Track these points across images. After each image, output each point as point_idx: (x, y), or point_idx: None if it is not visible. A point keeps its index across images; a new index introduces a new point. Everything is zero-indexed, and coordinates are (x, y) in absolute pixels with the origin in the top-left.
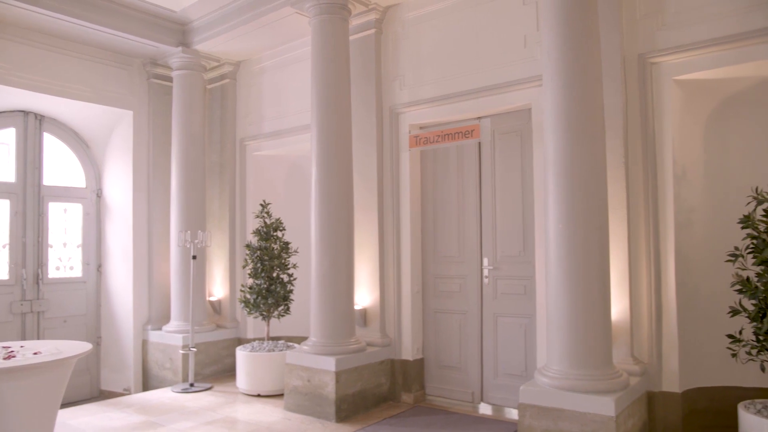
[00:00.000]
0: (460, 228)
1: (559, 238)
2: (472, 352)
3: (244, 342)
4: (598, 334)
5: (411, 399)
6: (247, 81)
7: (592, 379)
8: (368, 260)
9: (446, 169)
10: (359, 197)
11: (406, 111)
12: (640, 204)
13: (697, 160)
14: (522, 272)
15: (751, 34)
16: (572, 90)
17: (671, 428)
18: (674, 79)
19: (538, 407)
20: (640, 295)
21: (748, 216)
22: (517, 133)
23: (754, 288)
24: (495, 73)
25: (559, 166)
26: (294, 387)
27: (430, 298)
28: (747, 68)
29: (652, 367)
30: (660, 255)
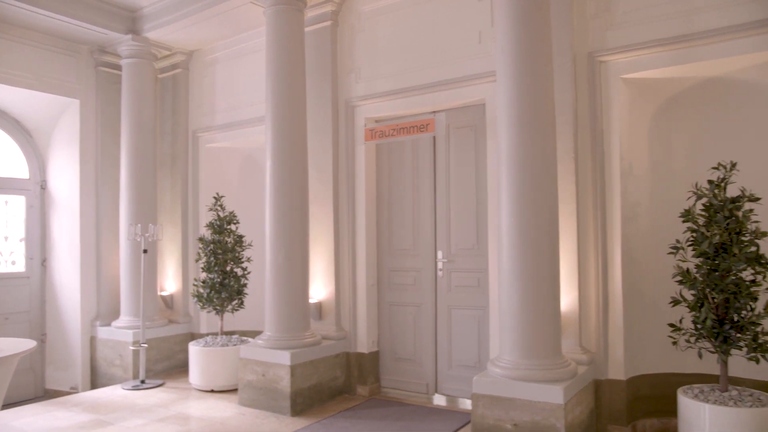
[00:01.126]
0: (415, 221)
1: (511, 231)
2: (427, 344)
3: (197, 337)
4: (548, 325)
5: (366, 391)
6: (201, 71)
7: (542, 368)
8: (323, 253)
9: (401, 162)
10: (314, 190)
11: (361, 104)
12: (588, 198)
13: (643, 156)
14: (475, 265)
15: (693, 36)
16: (525, 86)
17: (616, 414)
18: (622, 77)
19: (490, 397)
20: (588, 287)
21: (689, 210)
22: (471, 128)
23: (693, 279)
24: (450, 67)
25: (512, 160)
26: (248, 382)
27: (386, 290)
28: (689, 69)
29: (599, 356)
30: (607, 248)
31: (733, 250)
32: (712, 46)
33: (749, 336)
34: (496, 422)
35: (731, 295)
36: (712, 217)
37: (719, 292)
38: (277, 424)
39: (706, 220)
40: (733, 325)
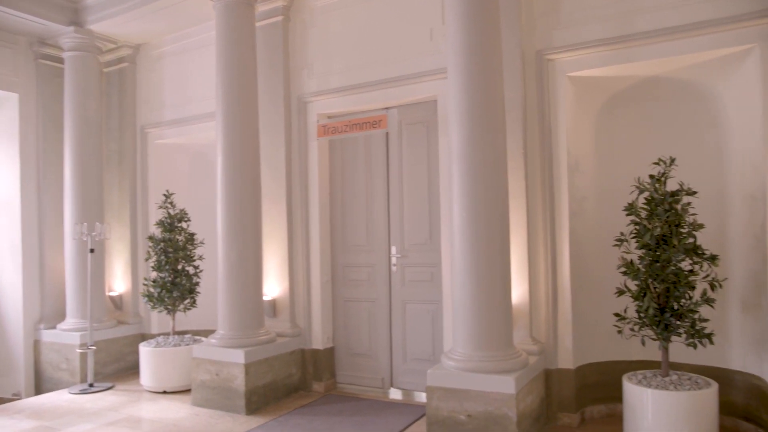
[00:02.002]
0: (368, 217)
1: (463, 226)
2: (382, 339)
3: (148, 337)
4: (500, 318)
5: (322, 388)
6: (148, 65)
7: (494, 360)
8: (277, 250)
9: (354, 158)
10: (267, 187)
11: (314, 100)
12: (538, 193)
13: (589, 152)
14: (429, 260)
15: (634, 36)
16: (475, 83)
17: (566, 402)
18: (568, 75)
19: (444, 389)
20: (538, 280)
21: (632, 204)
22: (423, 124)
23: (636, 270)
24: (402, 64)
25: (463, 156)
26: (202, 381)
27: (340, 287)
28: (630, 68)
29: (549, 346)
30: (556, 241)
31: (672, 241)
32: (650, 47)
33: (688, 323)
34: (450, 414)
35: (671, 284)
36: (654, 210)
37: (660, 282)
38: (231, 423)
39: (648, 213)
40: (673, 313)
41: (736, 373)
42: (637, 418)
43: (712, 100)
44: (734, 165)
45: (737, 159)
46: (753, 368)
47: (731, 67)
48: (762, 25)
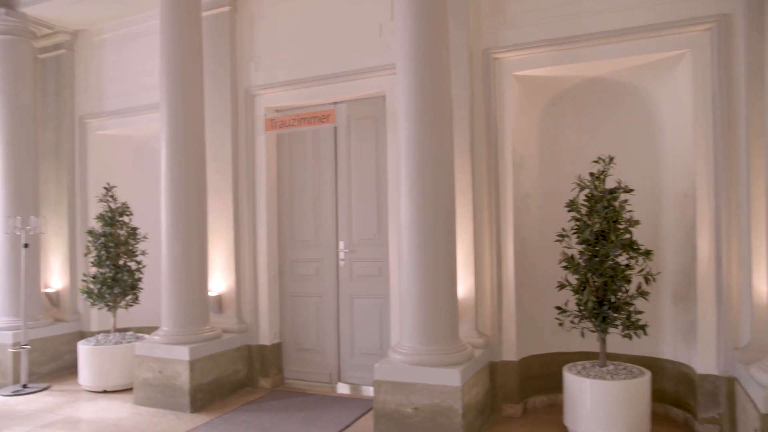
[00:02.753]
0: (316, 212)
1: (410, 221)
2: (330, 334)
3: (87, 335)
4: (446, 312)
5: (269, 384)
6: (88, 53)
7: (440, 353)
8: (223, 245)
9: (303, 153)
10: (213, 181)
11: (261, 93)
12: (484, 189)
13: (533, 149)
14: (377, 254)
15: (577, 38)
16: (423, 80)
17: (510, 393)
18: (514, 74)
19: (391, 383)
20: (483, 274)
21: (573, 201)
22: (372, 120)
23: (576, 264)
24: (351, 59)
25: (411, 152)
26: (144, 380)
27: (287, 282)
28: (574, 68)
29: (494, 339)
30: (501, 236)
31: (610, 237)
32: (592, 49)
33: (624, 315)
34: (397, 407)
35: (609, 278)
36: (593, 207)
37: (599, 276)
38: (175, 421)
39: (588, 209)
40: (611, 306)
41: (667, 362)
42: (576, 406)
43: (649, 101)
44: (668, 164)
45: (671, 158)
46: (682, 357)
47: (666, 70)
48: (694, 32)
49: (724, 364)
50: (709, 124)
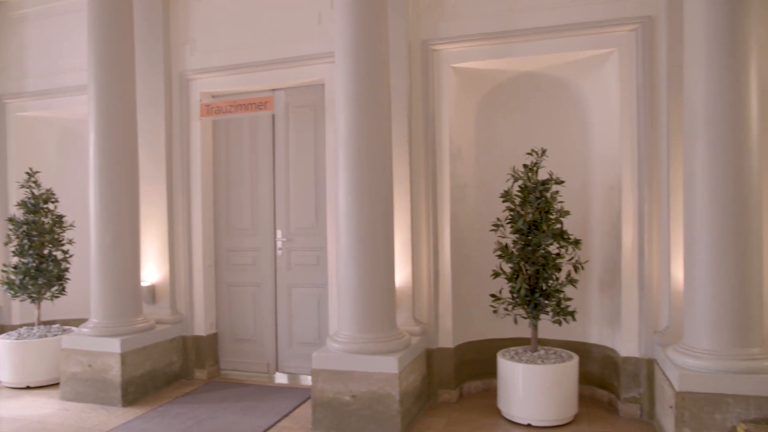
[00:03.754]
0: (253, 201)
1: (348, 210)
2: (267, 324)
3: (8, 329)
4: (384, 300)
5: (205, 375)
6: (7, 28)
7: (378, 341)
8: (156, 234)
9: (240, 140)
10: (146, 167)
11: (197, 78)
12: (421, 180)
13: (470, 141)
14: (315, 243)
15: (513, 33)
16: (362, 70)
17: (446, 379)
18: (452, 66)
19: (329, 371)
20: (421, 263)
21: (507, 191)
22: (311, 108)
23: (510, 253)
24: (290, 46)
25: (350, 141)
26: (72, 374)
27: (224, 271)
28: (509, 62)
29: (430, 326)
30: (438, 226)
31: (542, 227)
32: (527, 44)
33: (554, 302)
34: (335, 395)
35: (541, 266)
36: (526, 197)
37: (531, 265)
38: (106, 416)
39: (522, 200)
40: (542, 293)
41: (594, 346)
42: (509, 390)
43: (580, 96)
44: (596, 157)
45: (599, 152)
46: (607, 341)
47: (595, 67)
48: (620, 32)
49: (644, 347)
50: (633, 120)
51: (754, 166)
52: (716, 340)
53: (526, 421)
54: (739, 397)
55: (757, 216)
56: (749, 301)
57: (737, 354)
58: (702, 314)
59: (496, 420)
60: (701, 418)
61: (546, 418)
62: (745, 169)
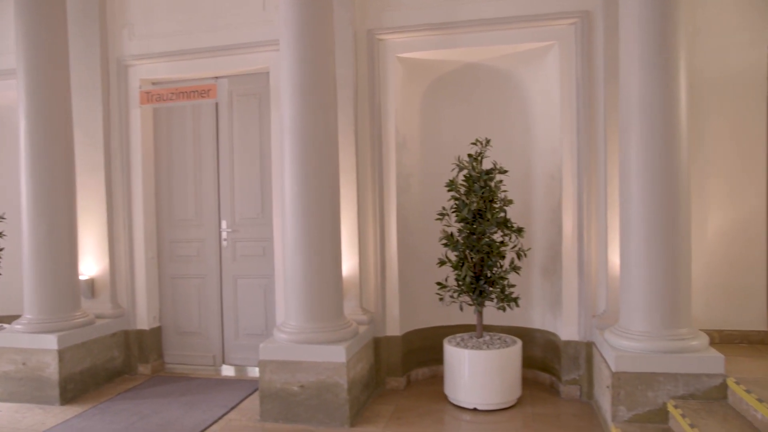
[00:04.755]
0: (197, 190)
1: (294, 200)
2: (213, 316)
3: None
4: (331, 290)
5: (149, 370)
6: None
7: (325, 331)
8: (95, 226)
9: (182, 128)
10: (83, 156)
11: (136, 64)
12: (368, 169)
13: (415, 130)
14: (261, 234)
15: (457, 24)
16: (308, 58)
17: (393, 367)
18: (397, 56)
19: (277, 362)
20: (368, 252)
21: (452, 181)
22: (255, 96)
23: (456, 242)
24: (233, 32)
25: (295, 131)
26: (4, 373)
27: (167, 263)
28: (454, 53)
29: (378, 315)
30: (384, 215)
31: (487, 215)
32: (471, 35)
33: (498, 289)
34: (283, 385)
35: (485, 254)
36: (471, 187)
37: (476, 253)
38: (43, 415)
39: (466, 189)
40: (487, 281)
41: (537, 331)
42: (455, 376)
43: (523, 88)
44: (538, 147)
45: (541, 142)
46: (549, 326)
47: (537, 59)
48: (561, 26)
49: (584, 331)
50: (573, 112)
51: (683, 156)
52: (649, 322)
53: (472, 405)
54: (669, 375)
55: (686, 204)
56: (679, 285)
57: (668, 335)
58: (636, 298)
59: (442, 405)
60: (635, 396)
61: (491, 401)
62: (675, 159)
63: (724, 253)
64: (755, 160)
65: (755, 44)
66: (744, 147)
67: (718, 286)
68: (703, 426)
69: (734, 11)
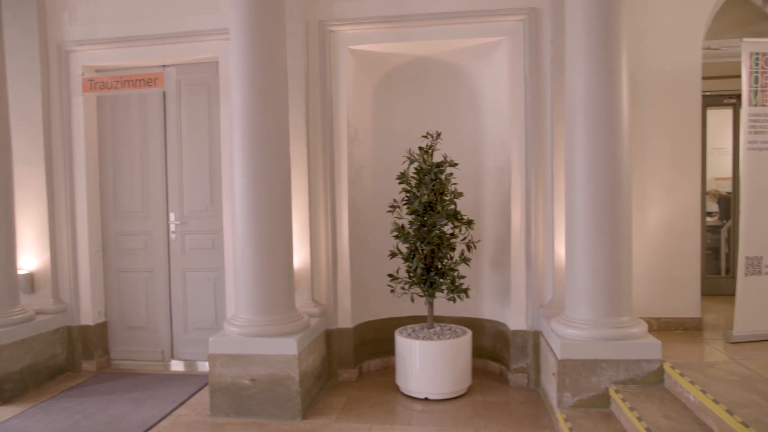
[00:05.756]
0: (144, 182)
1: (245, 191)
2: (161, 310)
3: None
4: (282, 282)
5: (94, 366)
6: None
7: (276, 323)
8: (34, 218)
9: (128, 118)
10: (20, 146)
11: (78, 50)
12: (319, 161)
13: (367, 122)
14: (210, 226)
15: (408, 17)
16: (258, 48)
17: (345, 359)
18: (349, 48)
19: (227, 356)
20: (319, 244)
21: (404, 173)
22: (204, 86)
23: (407, 234)
24: (182, 20)
25: (245, 121)
26: None
27: (113, 256)
28: (405, 46)
29: (329, 307)
30: (336, 207)
31: (437, 208)
32: (422, 29)
33: (449, 280)
34: (234, 379)
35: (436, 246)
36: (422, 179)
37: (427, 245)
38: None
39: (417, 182)
40: (437, 272)
41: (486, 322)
42: (406, 366)
43: (473, 82)
44: (488, 141)
45: (491, 135)
46: (498, 316)
47: (487, 54)
48: (509, 22)
49: (531, 320)
50: (521, 106)
51: (625, 151)
52: (592, 310)
53: (424, 395)
54: (611, 361)
55: (627, 198)
56: (620, 275)
57: (610, 323)
58: (581, 288)
59: (394, 396)
60: (579, 383)
61: (442, 391)
62: (617, 154)
63: (662, 245)
64: (691, 155)
65: (690, 45)
66: (680, 143)
67: (656, 276)
68: (641, 409)
69: (671, 12)
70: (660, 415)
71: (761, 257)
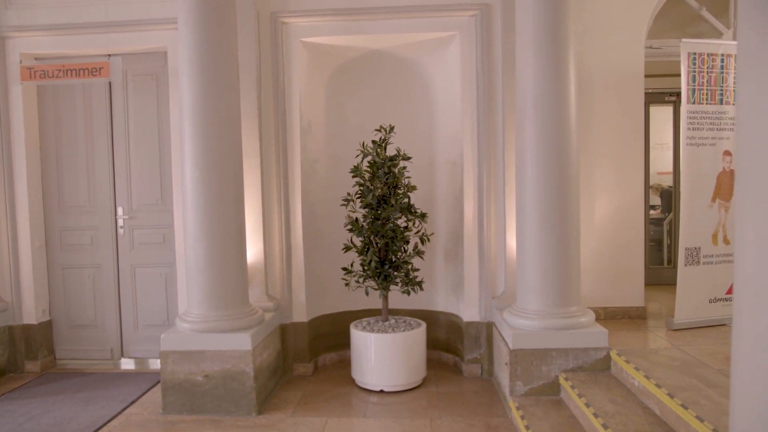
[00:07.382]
0: (89, 175)
1: (195, 185)
2: (109, 307)
3: None
4: (235, 277)
5: (38, 367)
6: None
7: (230, 318)
8: None
9: (72, 108)
10: None
11: (15, 36)
12: (272, 154)
13: (320, 115)
14: (160, 221)
15: (361, 10)
16: (207, 39)
17: (301, 353)
18: (301, 40)
19: (179, 352)
20: (273, 238)
21: (357, 167)
22: (153, 76)
23: (361, 227)
24: (129, 8)
25: (195, 114)
26: None
27: (57, 252)
28: (359, 39)
29: (284, 301)
30: (289, 201)
31: (391, 201)
32: (375, 22)
33: (403, 273)
34: (187, 376)
35: (390, 239)
36: (375, 173)
37: (381, 238)
38: None
39: (371, 175)
40: (392, 265)
41: (440, 314)
42: (362, 359)
43: (427, 76)
44: (441, 135)
45: (443, 129)
46: (452, 308)
47: (440, 49)
48: (462, 17)
49: (484, 312)
50: (473, 102)
51: (572, 145)
52: (543, 301)
53: (379, 387)
54: (560, 350)
55: (575, 191)
56: (569, 266)
57: (559, 313)
58: (531, 279)
59: (350, 389)
60: (530, 371)
61: (397, 383)
62: (565, 148)
63: (608, 237)
64: (635, 151)
65: (633, 44)
66: (625, 139)
67: (603, 267)
68: (589, 395)
69: (616, 12)
70: (606, 400)
71: (699, 247)
